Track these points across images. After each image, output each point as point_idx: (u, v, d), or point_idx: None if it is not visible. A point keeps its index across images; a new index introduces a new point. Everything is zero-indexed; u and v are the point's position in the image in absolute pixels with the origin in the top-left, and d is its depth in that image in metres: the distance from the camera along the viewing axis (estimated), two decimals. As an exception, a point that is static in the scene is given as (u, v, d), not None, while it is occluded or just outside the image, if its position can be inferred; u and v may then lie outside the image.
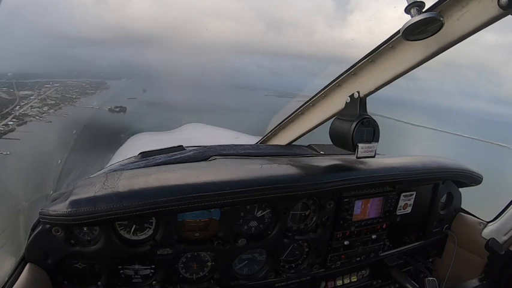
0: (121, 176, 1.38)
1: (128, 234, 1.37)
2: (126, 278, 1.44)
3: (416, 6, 1.09)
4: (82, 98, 11.91)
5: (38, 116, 8.02)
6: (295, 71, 25.56)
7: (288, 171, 1.54)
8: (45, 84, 9.50)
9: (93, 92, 13.39)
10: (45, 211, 1.22)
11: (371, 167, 1.68)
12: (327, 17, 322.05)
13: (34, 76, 9.01)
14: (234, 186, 1.35)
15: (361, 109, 1.50)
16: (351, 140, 1.47)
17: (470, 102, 45.27)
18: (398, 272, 1.90)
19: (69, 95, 10.98)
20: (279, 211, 1.54)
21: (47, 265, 1.30)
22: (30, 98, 8.29)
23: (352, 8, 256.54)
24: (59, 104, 9.82)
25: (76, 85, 12.08)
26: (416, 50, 1.30)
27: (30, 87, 8.66)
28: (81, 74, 12.73)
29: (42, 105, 8.82)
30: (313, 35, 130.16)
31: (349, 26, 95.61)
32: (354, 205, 1.68)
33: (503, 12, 1.01)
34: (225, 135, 4.11)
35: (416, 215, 2.00)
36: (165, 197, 1.25)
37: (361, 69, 1.53)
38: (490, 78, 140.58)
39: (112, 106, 13.54)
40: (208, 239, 1.47)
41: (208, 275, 1.56)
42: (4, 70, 4.66)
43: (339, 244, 1.72)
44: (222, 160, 1.78)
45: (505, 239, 1.93)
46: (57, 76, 10.67)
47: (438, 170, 1.93)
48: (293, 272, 1.70)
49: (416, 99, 12.56)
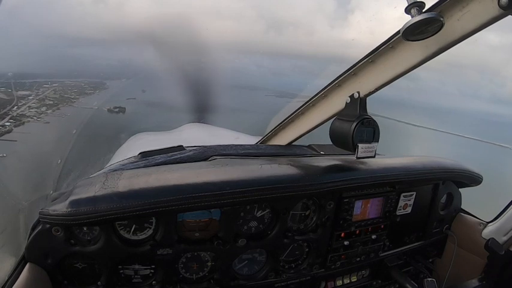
0: (121, 176, 1.38)
1: (127, 234, 1.37)
2: (126, 278, 1.43)
3: (416, 6, 1.09)
4: (81, 98, 11.77)
5: (36, 117, 7.90)
6: (295, 71, 25.48)
7: (288, 171, 1.54)
8: (43, 84, 9.37)
9: (92, 92, 13.18)
10: (45, 211, 1.22)
11: (371, 167, 1.68)
12: (327, 16, 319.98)
13: (33, 76, 8.87)
14: (234, 186, 1.35)
15: (361, 109, 1.50)
16: (351, 140, 1.47)
17: (471, 103, 44.66)
18: (398, 272, 1.90)
19: (68, 95, 10.81)
20: (279, 211, 1.54)
21: (47, 265, 1.30)
22: (28, 98, 8.18)
23: (353, 7, 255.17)
24: (58, 105, 9.69)
25: (75, 85, 11.93)
26: (417, 50, 1.29)
27: (28, 88, 8.55)
28: (80, 74, 12.58)
29: (40, 105, 8.67)
30: (314, 35, 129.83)
31: (350, 26, 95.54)
32: (354, 205, 1.68)
33: (503, 12, 1.01)
34: (225, 135, 4.10)
35: (416, 215, 2.00)
36: (165, 197, 1.25)
37: (361, 69, 1.53)
38: (491, 78, 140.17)
39: (111, 106, 13.36)
40: (208, 239, 1.47)
41: (208, 275, 1.56)
42: (3, 70, 4.63)
43: (338, 244, 1.72)
44: (222, 160, 1.78)
45: (505, 239, 1.93)
46: (55, 76, 10.57)
47: (438, 170, 1.93)
48: (293, 272, 1.70)
49: (418, 99, 12.51)
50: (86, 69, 12.64)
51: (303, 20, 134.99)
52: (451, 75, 32.21)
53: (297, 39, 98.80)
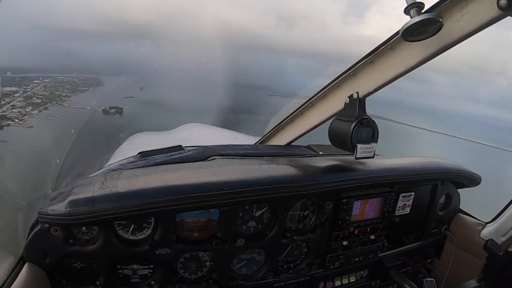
0: (120, 175, 1.38)
1: (126, 234, 1.37)
2: (124, 278, 1.43)
3: (415, 7, 1.10)
4: (73, 96, 11.05)
5: (18, 119, 6.94)
6: (299, 70, 25.30)
7: (286, 171, 1.54)
8: (34, 80, 8.78)
9: (85, 89, 12.25)
10: (43, 210, 1.22)
11: (370, 168, 1.69)
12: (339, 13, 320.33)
13: (24, 71, 8.31)
14: (233, 187, 1.35)
15: (360, 110, 1.50)
16: (350, 140, 1.47)
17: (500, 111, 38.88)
18: (397, 273, 1.90)
19: (59, 92, 10.18)
20: (277, 211, 1.54)
21: (46, 265, 1.29)
22: (14, 96, 7.37)
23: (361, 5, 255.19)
24: (46, 104, 8.97)
25: (68, 81, 11.17)
26: (416, 51, 1.30)
27: (17, 83, 7.81)
28: (73, 69, 12.00)
29: (26, 104, 7.90)
30: (324, 31, 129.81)
31: (366, 23, 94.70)
32: (353, 205, 1.68)
33: (502, 13, 1.02)
34: (224, 135, 4.12)
35: (415, 216, 2.00)
36: (164, 197, 1.25)
37: (360, 69, 1.53)
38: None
39: (106, 107, 12.21)
40: (207, 239, 1.47)
41: (206, 275, 1.56)
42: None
43: (337, 244, 1.72)
44: (221, 160, 1.78)
45: (504, 240, 1.94)
46: (48, 71, 10.07)
47: (437, 170, 1.93)
48: (291, 272, 1.70)
49: (435, 104, 11.81)
50: (79, 64, 12.09)
51: (313, 15, 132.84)
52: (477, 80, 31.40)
53: (303, 37, 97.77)
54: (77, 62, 11.88)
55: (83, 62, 12.29)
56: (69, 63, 10.96)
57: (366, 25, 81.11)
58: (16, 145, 5.31)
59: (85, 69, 12.50)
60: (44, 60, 8.91)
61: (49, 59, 9.02)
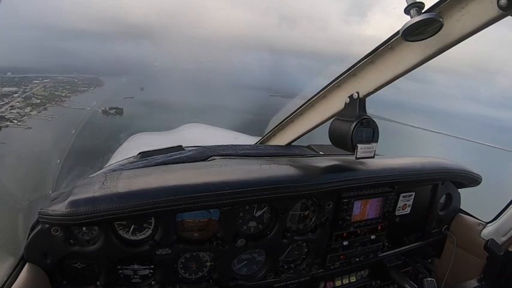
0: (120, 176, 1.38)
1: (126, 234, 1.37)
2: (125, 278, 1.43)
3: (415, 6, 1.10)
4: (73, 96, 10.94)
5: (17, 120, 6.88)
6: (299, 70, 25.22)
7: (287, 171, 1.55)
8: (33, 80, 8.69)
9: (85, 90, 12.09)
10: (44, 211, 1.22)
11: (370, 168, 1.69)
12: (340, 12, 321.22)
13: (23, 71, 8.21)
14: (233, 187, 1.35)
15: (360, 110, 1.51)
16: (350, 140, 1.47)
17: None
18: (397, 273, 1.90)
19: (59, 93, 10.08)
20: (278, 211, 1.54)
21: (46, 265, 1.29)
22: (13, 96, 7.32)
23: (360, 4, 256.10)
24: (45, 104, 8.87)
25: (67, 81, 10.94)
26: (416, 50, 1.30)
27: (16, 83, 7.73)
28: (73, 69, 11.87)
29: (25, 105, 7.82)
30: (325, 31, 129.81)
31: (368, 23, 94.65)
32: (353, 205, 1.68)
33: (502, 13, 1.02)
34: (224, 135, 4.12)
35: (416, 216, 2.00)
36: (164, 197, 1.25)
37: (360, 69, 1.53)
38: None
39: (106, 107, 12.09)
40: (207, 239, 1.47)
41: (207, 275, 1.56)
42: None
43: (338, 244, 1.72)
44: (221, 160, 1.78)
45: (504, 240, 1.94)
46: (47, 71, 9.98)
47: (437, 170, 1.93)
48: (292, 273, 1.70)
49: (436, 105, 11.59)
50: (79, 64, 12.00)
51: (314, 14, 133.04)
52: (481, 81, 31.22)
53: (303, 36, 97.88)
54: (76, 62, 11.81)
55: (83, 62, 12.23)
56: (69, 63, 10.90)
57: (368, 25, 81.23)
58: (16, 146, 5.30)
59: (85, 69, 12.39)
60: (43, 60, 8.88)
61: (49, 59, 8.99)
